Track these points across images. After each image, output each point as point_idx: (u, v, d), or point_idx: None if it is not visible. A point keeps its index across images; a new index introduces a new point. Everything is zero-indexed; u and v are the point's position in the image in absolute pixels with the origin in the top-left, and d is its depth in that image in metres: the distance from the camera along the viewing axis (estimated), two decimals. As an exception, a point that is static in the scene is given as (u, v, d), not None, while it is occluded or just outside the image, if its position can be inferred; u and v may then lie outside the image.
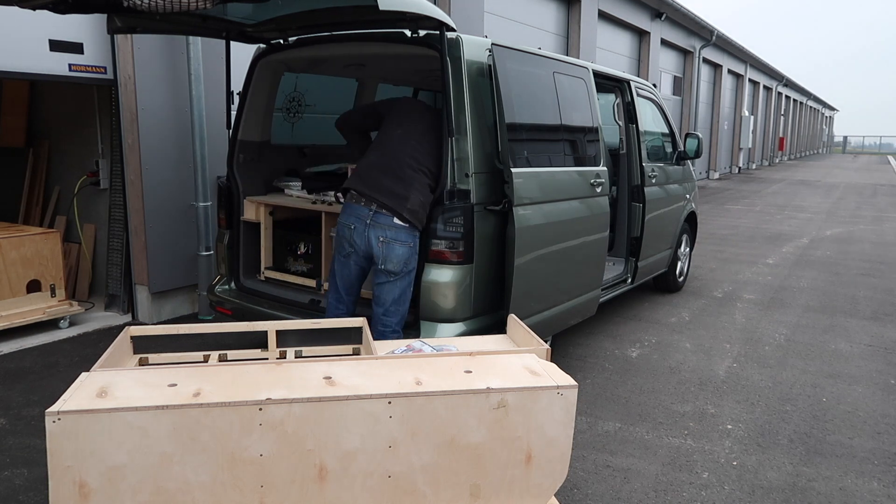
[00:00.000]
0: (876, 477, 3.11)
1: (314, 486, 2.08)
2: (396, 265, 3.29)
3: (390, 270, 3.30)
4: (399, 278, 3.32)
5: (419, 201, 3.30)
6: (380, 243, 3.28)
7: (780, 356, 4.73)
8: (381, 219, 3.27)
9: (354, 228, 3.33)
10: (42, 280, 4.83)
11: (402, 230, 3.27)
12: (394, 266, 3.29)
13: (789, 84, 34.50)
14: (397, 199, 3.27)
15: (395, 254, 3.28)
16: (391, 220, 3.26)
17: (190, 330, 2.95)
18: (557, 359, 4.36)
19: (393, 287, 3.33)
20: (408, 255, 3.31)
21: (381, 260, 3.29)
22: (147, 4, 2.61)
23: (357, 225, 3.32)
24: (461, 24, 7.52)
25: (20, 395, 3.81)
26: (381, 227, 3.27)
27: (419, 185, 3.33)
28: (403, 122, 3.50)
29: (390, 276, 3.31)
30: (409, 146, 3.40)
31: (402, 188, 3.29)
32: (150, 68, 4.95)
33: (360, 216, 3.32)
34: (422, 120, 3.50)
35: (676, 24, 16.36)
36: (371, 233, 3.29)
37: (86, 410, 1.91)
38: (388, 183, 3.31)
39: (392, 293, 3.33)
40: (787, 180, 22.75)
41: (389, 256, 3.28)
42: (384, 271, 3.31)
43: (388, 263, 3.29)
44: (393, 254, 3.28)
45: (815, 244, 9.52)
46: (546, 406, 2.20)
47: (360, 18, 3.55)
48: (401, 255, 3.28)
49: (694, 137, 6.04)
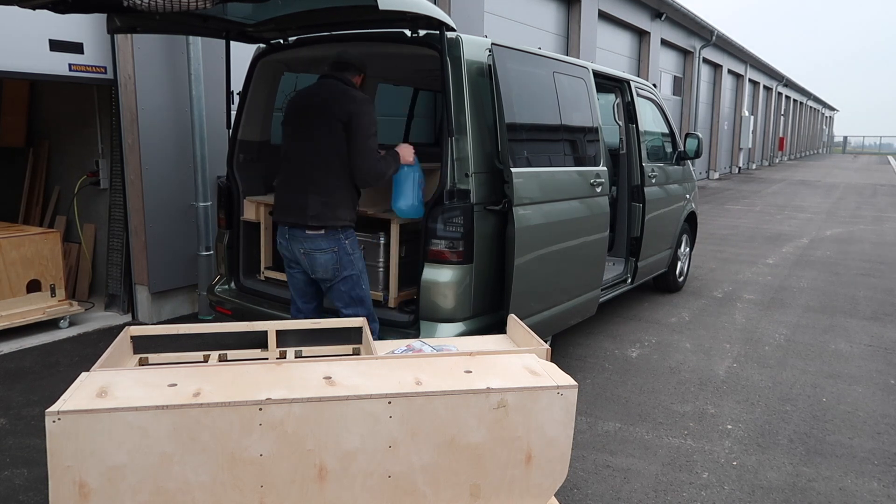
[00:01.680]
0: (876, 477, 3.11)
1: (314, 486, 2.08)
2: (326, 272, 3.27)
3: (322, 279, 3.30)
4: (339, 283, 3.28)
5: (320, 202, 3.19)
6: (302, 255, 3.28)
7: (780, 356, 4.73)
8: (295, 233, 3.26)
9: (283, 245, 3.36)
10: (42, 280, 4.83)
11: (316, 239, 3.21)
12: (323, 274, 3.27)
13: (789, 84, 34.51)
14: (297, 212, 3.23)
15: (318, 263, 3.25)
16: (303, 233, 3.23)
17: (190, 330, 2.95)
18: (557, 359, 4.36)
19: (339, 292, 3.31)
20: (333, 261, 3.24)
21: (311, 270, 3.30)
22: (147, 4, 2.61)
23: (282, 241, 3.35)
24: (461, 24, 7.52)
25: (20, 395, 3.81)
26: (297, 240, 3.26)
27: (316, 187, 3.20)
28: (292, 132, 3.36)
29: (327, 283, 3.31)
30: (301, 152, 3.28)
31: (301, 199, 3.23)
32: (150, 68, 4.95)
33: (282, 233, 3.34)
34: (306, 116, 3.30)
35: (676, 24, 16.37)
36: (294, 247, 3.29)
37: (86, 410, 1.91)
38: (287, 199, 3.30)
39: (342, 298, 3.31)
40: (787, 180, 22.75)
41: (314, 266, 3.27)
42: (320, 280, 3.32)
43: (317, 273, 3.29)
44: (317, 263, 3.26)
45: (815, 244, 9.52)
46: (546, 406, 2.20)
47: (359, 18, 3.56)
48: (324, 262, 3.24)
49: (694, 137, 6.04)
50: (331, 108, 3.20)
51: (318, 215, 3.19)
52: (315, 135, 3.23)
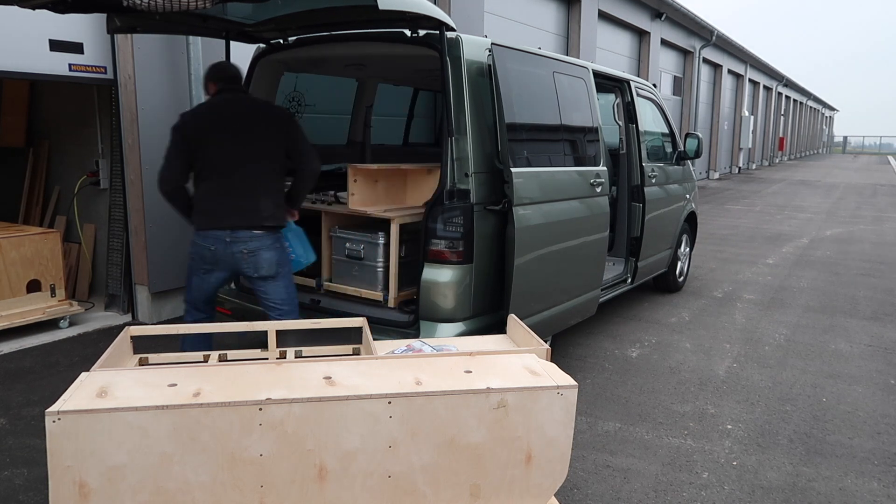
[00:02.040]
0: (876, 477, 3.11)
1: (314, 486, 2.08)
2: (270, 269, 3.32)
3: (265, 276, 3.33)
4: (281, 278, 3.37)
5: (272, 203, 3.31)
6: (244, 255, 3.27)
7: (780, 356, 4.73)
8: (241, 234, 3.25)
9: (215, 249, 3.29)
10: (42, 280, 4.83)
11: (263, 238, 3.28)
12: (267, 271, 3.32)
13: (789, 84, 34.51)
14: (250, 214, 3.26)
15: (264, 260, 3.29)
16: (249, 234, 3.26)
17: (190, 330, 2.96)
18: (557, 359, 4.36)
19: (277, 287, 3.37)
20: (277, 257, 3.33)
21: (253, 269, 3.30)
22: (147, 4, 2.61)
23: (217, 246, 3.28)
24: (461, 24, 7.52)
25: (20, 395, 3.81)
26: (241, 241, 3.26)
27: (264, 190, 3.30)
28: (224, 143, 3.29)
29: (268, 280, 3.34)
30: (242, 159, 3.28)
31: (251, 202, 3.26)
32: (150, 68, 4.95)
33: (218, 238, 3.27)
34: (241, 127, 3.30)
35: (676, 24, 16.37)
36: (233, 248, 3.27)
37: (86, 410, 1.91)
38: (230, 203, 3.26)
39: (279, 293, 3.38)
40: (787, 180, 22.75)
41: (259, 264, 3.29)
42: (260, 279, 3.33)
43: (261, 270, 3.31)
44: (262, 260, 3.29)
45: (815, 244, 9.52)
46: (546, 406, 2.20)
47: (359, 18, 3.56)
48: (269, 258, 3.30)
49: (694, 137, 6.04)
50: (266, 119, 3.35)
51: (272, 216, 3.31)
52: (256, 143, 3.31)
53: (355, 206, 3.78)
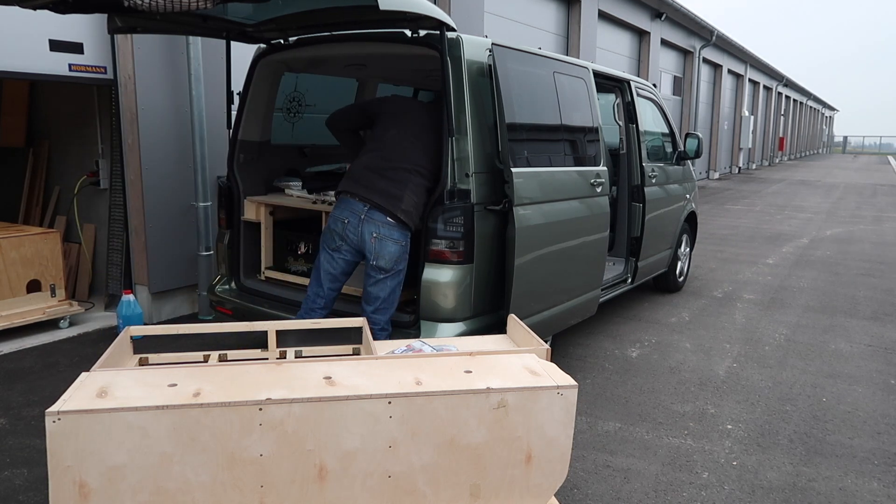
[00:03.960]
0: (876, 477, 3.11)
1: (314, 486, 2.08)
2: (388, 262, 3.34)
3: (381, 267, 3.34)
4: (390, 276, 3.37)
5: (413, 202, 3.37)
6: (373, 239, 3.32)
7: (780, 356, 4.73)
8: (376, 215, 3.32)
9: (348, 223, 3.36)
10: (42, 280, 4.83)
11: (395, 228, 3.33)
12: (385, 263, 3.34)
13: (789, 84, 34.51)
14: (392, 199, 3.33)
15: (387, 250, 3.33)
16: (385, 218, 3.32)
17: (190, 330, 2.96)
18: (557, 359, 4.36)
19: (384, 285, 3.38)
20: (399, 254, 3.36)
21: (374, 256, 3.34)
22: (147, 4, 2.61)
23: (351, 219, 3.36)
24: (461, 24, 7.51)
25: (20, 395, 3.81)
26: (374, 223, 3.32)
27: (413, 186, 3.38)
28: (397, 123, 3.51)
29: (381, 272, 3.36)
30: (403, 147, 3.44)
31: (397, 189, 3.35)
32: (150, 68, 4.95)
33: (354, 211, 3.36)
34: (416, 120, 3.52)
35: (676, 24, 16.36)
36: (364, 228, 3.33)
37: (86, 410, 1.91)
38: (382, 184, 3.37)
39: (383, 290, 3.38)
40: (787, 180, 22.75)
41: (382, 253, 3.33)
42: (375, 268, 3.35)
43: (380, 260, 3.34)
44: (385, 250, 3.32)
45: (815, 244, 9.52)
46: (546, 406, 2.20)
47: (360, 18, 3.55)
48: (393, 252, 3.34)
49: (694, 137, 6.04)
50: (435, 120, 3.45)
51: (409, 213, 3.36)
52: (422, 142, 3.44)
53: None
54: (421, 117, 3.53)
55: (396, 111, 3.57)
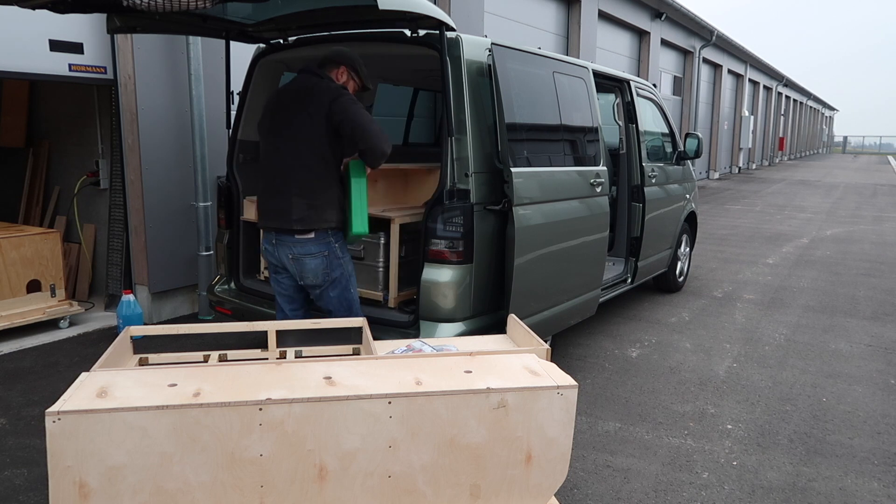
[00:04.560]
0: (876, 477, 3.11)
1: (314, 486, 2.08)
2: (314, 278, 3.19)
3: (312, 284, 3.22)
4: (328, 287, 3.22)
5: (304, 205, 3.08)
6: (291, 261, 3.19)
7: (780, 356, 4.73)
8: (283, 238, 3.16)
9: (268, 251, 3.28)
10: (42, 280, 4.83)
11: (305, 243, 3.12)
12: (313, 280, 3.19)
13: (789, 84, 34.51)
14: (281, 216, 3.12)
15: (308, 268, 3.17)
16: (291, 237, 3.14)
17: (190, 330, 2.95)
18: (557, 359, 4.36)
19: (327, 297, 3.25)
20: (323, 265, 3.16)
21: (299, 277, 3.22)
22: (147, 4, 2.61)
23: (268, 248, 3.27)
24: (461, 24, 7.51)
25: (20, 395, 3.81)
26: (285, 245, 3.17)
27: (298, 189, 3.09)
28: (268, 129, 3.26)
29: (315, 289, 3.24)
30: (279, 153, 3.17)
31: (283, 202, 3.11)
32: (150, 68, 4.95)
33: (269, 240, 3.25)
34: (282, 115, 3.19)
35: (676, 24, 16.37)
36: (280, 253, 3.20)
37: (86, 410, 1.91)
38: (271, 205, 3.19)
39: (330, 303, 3.26)
40: (787, 180, 22.75)
41: (304, 272, 3.19)
42: (309, 286, 3.25)
43: (306, 279, 3.20)
44: (306, 269, 3.17)
45: (815, 244, 9.52)
46: (546, 406, 2.20)
47: (360, 18, 3.55)
48: (314, 267, 3.16)
49: (694, 137, 6.04)
50: (308, 103, 3.07)
51: (302, 219, 3.09)
52: (294, 133, 3.11)
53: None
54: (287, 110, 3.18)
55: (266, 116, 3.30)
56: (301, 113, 3.12)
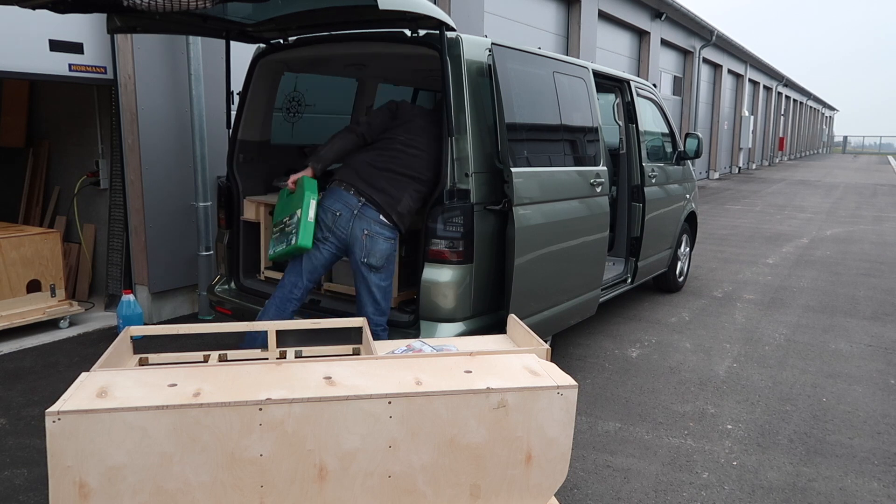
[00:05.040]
0: (876, 477, 3.11)
1: (314, 486, 2.08)
2: (379, 259, 3.29)
3: (372, 265, 3.29)
4: (382, 274, 3.33)
5: (409, 207, 3.36)
6: (364, 235, 3.27)
7: (780, 356, 4.73)
8: (369, 212, 3.28)
9: (340, 215, 3.30)
10: (42, 280, 4.83)
11: (386, 227, 3.31)
12: (376, 260, 3.29)
13: (789, 84, 34.51)
14: (390, 198, 3.31)
15: (378, 248, 3.28)
16: (378, 216, 3.28)
17: (190, 330, 2.95)
18: (557, 359, 4.36)
19: (377, 285, 3.33)
20: (390, 251, 3.33)
21: (365, 253, 3.28)
22: (147, 4, 2.61)
23: (343, 212, 3.30)
24: (461, 23, 7.51)
25: (20, 395, 3.81)
26: (367, 219, 3.27)
27: (413, 192, 3.37)
28: (407, 130, 3.48)
29: (371, 270, 3.30)
30: (410, 153, 3.42)
31: (397, 190, 3.33)
32: (150, 68, 4.95)
33: (348, 204, 3.30)
34: (424, 130, 3.48)
35: (676, 24, 16.37)
36: (356, 224, 3.28)
37: (86, 410, 1.91)
38: (382, 182, 3.33)
39: (378, 290, 3.33)
40: (787, 180, 22.75)
41: (373, 250, 3.28)
42: (366, 265, 3.30)
43: (371, 257, 3.28)
44: (377, 247, 3.28)
45: (815, 244, 9.52)
46: (546, 406, 2.20)
47: (360, 18, 3.55)
48: (384, 249, 3.30)
49: (694, 137, 6.04)
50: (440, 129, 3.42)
51: (403, 214, 3.35)
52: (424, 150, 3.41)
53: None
54: (428, 126, 3.50)
55: (407, 118, 3.54)
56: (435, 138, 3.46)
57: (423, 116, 3.56)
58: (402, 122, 3.51)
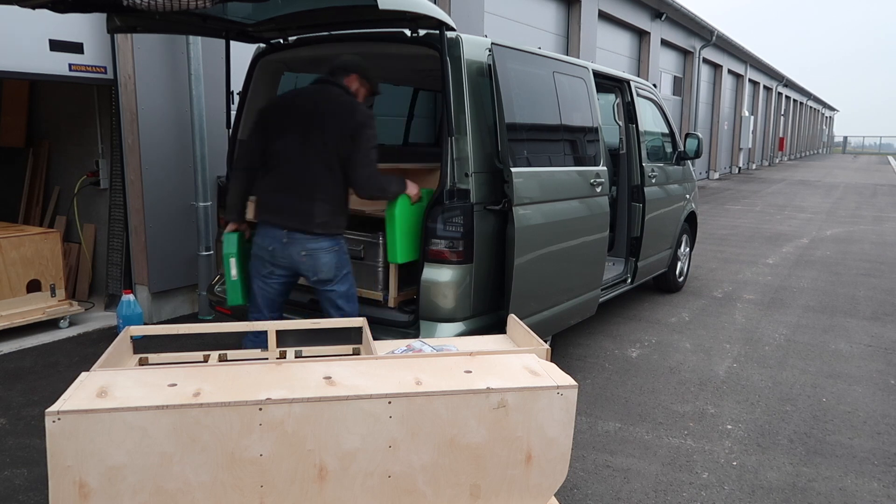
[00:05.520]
0: (876, 477, 3.11)
1: (314, 486, 2.08)
2: (328, 272, 3.23)
3: (324, 279, 3.24)
4: (339, 282, 3.27)
5: (327, 210, 3.18)
6: (303, 257, 3.21)
7: (780, 356, 4.73)
8: (295, 236, 3.19)
9: (274, 249, 3.24)
10: (42, 280, 4.83)
11: (320, 239, 3.20)
12: (326, 274, 3.23)
13: (789, 84, 34.51)
14: (304, 216, 3.17)
15: (322, 263, 3.21)
16: (305, 237, 3.18)
17: (190, 330, 2.95)
18: (557, 359, 4.36)
19: (338, 293, 3.28)
20: (336, 260, 3.24)
21: (312, 272, 3.23)
22: (147, 4, 2.61)
23: (275, 245, 3.23)
24: (461, 23, 7.52)
25: (20, 395, 3.81)
26: (297, 243, 3.19)
27: (319, 201, 3.18)
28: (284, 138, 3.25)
29: (325, 284, 3.26)
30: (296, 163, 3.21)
31: (305, 206, 3.17)
32: (150, 68, 4.95)
33: (275, 237, 3.23)
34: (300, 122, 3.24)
35: (676, 24, 16.37)
36: (291, 250, 3.21)
37: (86, 410, 1.91)
38: (291, 205, 3.20)
39: (339, 298, 3.29)
40: (787, 180, 22.75)
41: (318, 267, 3.21)
42: (319, 281, 3.25)
43: (320, 273, 3.23)
44: (321, 263, 3.21)
45: (815, 244, 9.52)
46: (546, 406, 2.20)
47: (360, 18, 3.55)
48: (328, 261, 3.22)
49: (694, 137, 6.04)
50: (339, 118, 3.17)
51: (325, 223, 3.18)
52: (318, 140, 3.16)
53: (354, 205, 3.78)
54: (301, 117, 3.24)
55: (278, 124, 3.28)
56: (327, 122, 3.17)
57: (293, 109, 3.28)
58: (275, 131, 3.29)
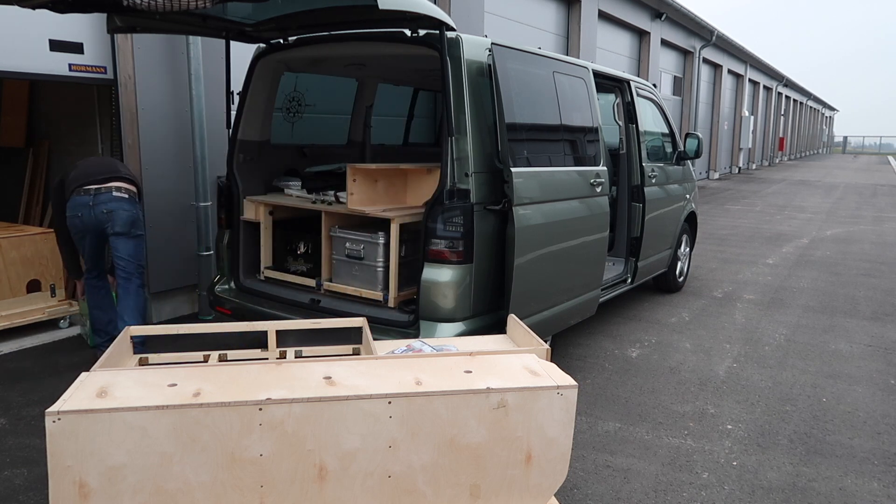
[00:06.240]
0: (876, 477, 3.11)
1: (314, 486, 2.08)
2: (125, 226, 3.91)
3: (119, 232, 3.91)
4: (133, 238, 3.97)
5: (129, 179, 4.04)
6: (106, 214, 3.89)
7: (780, 356, 4.73)
8: (101, 197, 3.89)
9: (82, 216, 3.90)
10: (42, 280, 4.83)
11: (122, 201, 3.92)
12: (121, 227, 3.90)
13: (789, 84, 34.52)
14: (111, 179, 3.96)
15: (120, 216, 3.89)
16: (111, 195, 3.90)
17: (190, 330, 2.95)
18: (557, 359, 4.36)
19: (126, 245, 3.94)
20: (133, 218, 3.95)
21: (111, 225, 3.90)
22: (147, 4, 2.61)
23: (83, 212, 3.89)
24: (461, 23, 7.52)
25: (20, 395, 3.81)
26: (102, 203, 3.89)
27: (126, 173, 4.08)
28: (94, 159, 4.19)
29: (119, 237, 3.92)
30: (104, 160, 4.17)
31: (113, 173, 4.00)
32: (150, 68, 4.95)
33: (83, 204, 3.89)
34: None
35: (676, 25, 16.37)
36: (96, 211, 3.89)
37: (86, 410, 1.91)
38: (101, 172, 3.98)
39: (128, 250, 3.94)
40: (787, 180, 22.75)
41: (116, 219, 3.89)
42: (115, 234, 3.92)
43: (116, 227, 3.89)
44: (119, 217, 3.89)
45: (815, 244, 9.52)
46: (546, 406, 2.20)
47: (360, 18, 3.55)
48: (125, 217, 3.91)
49: (694, 137, 6.04)
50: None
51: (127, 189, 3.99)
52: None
53: (355, 205, 3.78)
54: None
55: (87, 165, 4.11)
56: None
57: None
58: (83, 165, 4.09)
